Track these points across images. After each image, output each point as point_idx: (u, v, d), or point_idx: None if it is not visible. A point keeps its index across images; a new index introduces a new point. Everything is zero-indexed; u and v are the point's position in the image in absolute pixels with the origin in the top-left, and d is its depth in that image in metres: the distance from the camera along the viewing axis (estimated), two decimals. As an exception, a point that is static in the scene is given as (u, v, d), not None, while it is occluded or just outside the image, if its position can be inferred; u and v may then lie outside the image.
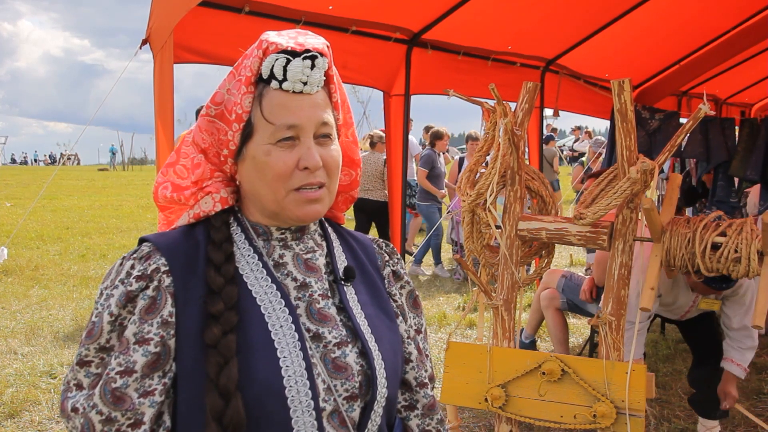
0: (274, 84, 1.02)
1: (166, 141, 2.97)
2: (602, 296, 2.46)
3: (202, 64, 3.29)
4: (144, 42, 2.90)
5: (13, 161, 56.95)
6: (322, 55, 1.04)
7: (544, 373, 2.37)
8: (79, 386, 1.00)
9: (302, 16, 3.47)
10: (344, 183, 1.22)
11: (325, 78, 1.06)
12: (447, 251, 8.95)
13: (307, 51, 1.02)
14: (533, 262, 2.81)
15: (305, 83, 1.02)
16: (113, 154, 40.55)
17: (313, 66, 1.02)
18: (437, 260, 8.00)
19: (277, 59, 1.01)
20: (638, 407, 2.25)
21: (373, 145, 7.82)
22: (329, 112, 1.07)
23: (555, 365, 2.36)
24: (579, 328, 5.58)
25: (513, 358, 2.46)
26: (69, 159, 37.34)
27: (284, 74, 1.01)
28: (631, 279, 2.38)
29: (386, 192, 8.54)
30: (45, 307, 6.33)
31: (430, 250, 8.10)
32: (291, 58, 1.01)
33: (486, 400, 2.45)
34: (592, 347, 4.35)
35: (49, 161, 53.84)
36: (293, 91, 1.02)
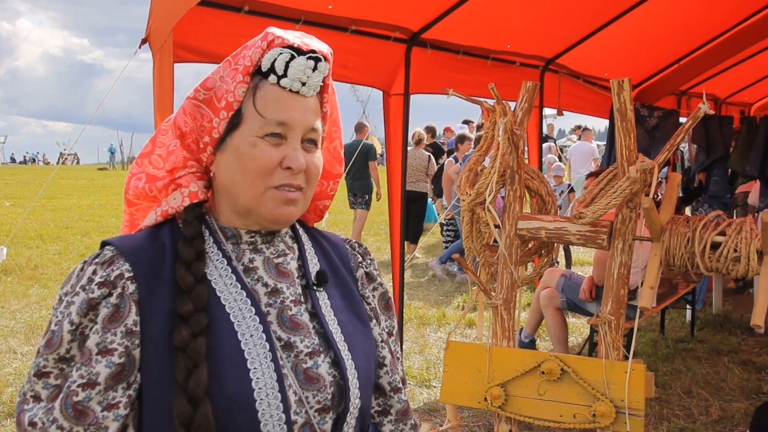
0: (272, 78, 1.00)
1: (166, 140, 2.96)
2: (602, 295, 2.46)
3: (202, 64, 3.29)
4: (143, 41, 2.90)
5: (13, 161, 56.96)
6: (325, 59, 1.03)
7: (543, 373, 2.38)
8: (37, 398, 0.94)
9: (302, 15, 3.47)
10: (314, 191, 1.19)
11: (321, 85, 1.05)
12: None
13: (312, 51, 1.01)
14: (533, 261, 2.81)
15: (304, 83, 1.01)
16: (112, 153, 40.51)
17: (315, 68, 1.01)
18: (444, 259, 7.74)
19: (281, 53, 1.00)
20: (638, 406, 2.25)
21: (418, 142, 8.91)
22: (318, 120, 1.06)
23: (554, 364, 2.36)
24: (578, 327, 5.58)
25: (512, 357, 2.46)
26: (67, 159, 37.27)
27: (285, 70, 1.00)
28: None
29: (427, 184, 9.18)
30: (44, 307, 6.33)
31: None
32: (295, 55, 1.00)
33: (485, 399, 2.45)
34: (591, 346, 4.35)
35: (49, 161, 53.85)
36: (290, 90, 1.01)
